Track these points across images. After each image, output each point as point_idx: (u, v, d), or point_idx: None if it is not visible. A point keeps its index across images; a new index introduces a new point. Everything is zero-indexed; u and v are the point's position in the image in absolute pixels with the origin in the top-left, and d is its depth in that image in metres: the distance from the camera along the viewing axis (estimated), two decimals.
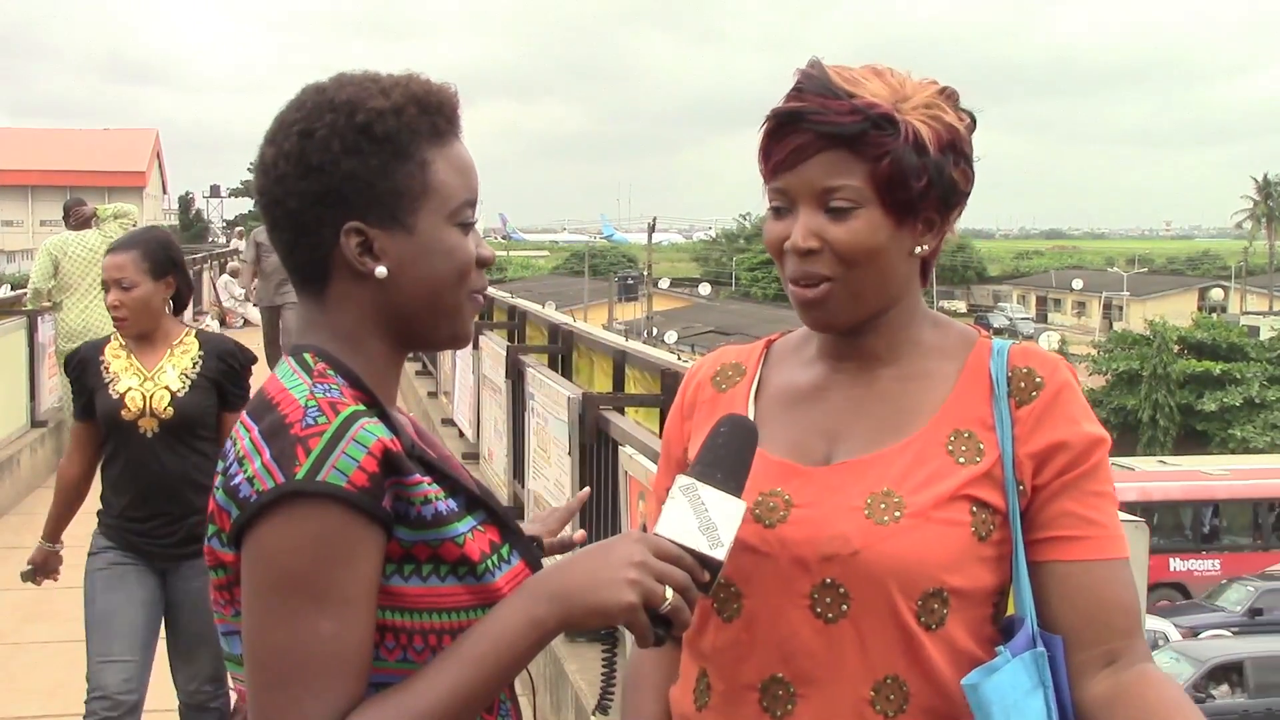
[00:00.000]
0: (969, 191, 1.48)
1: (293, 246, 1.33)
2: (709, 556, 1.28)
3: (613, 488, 4.32)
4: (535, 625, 1.24)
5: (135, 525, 3.67)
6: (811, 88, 1.42)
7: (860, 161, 1.40)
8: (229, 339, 3.85)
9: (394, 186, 1.30)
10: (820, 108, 1.41)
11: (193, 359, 3.65)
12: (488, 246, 1.39)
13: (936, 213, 1.45)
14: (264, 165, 1.33)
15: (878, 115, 1.40)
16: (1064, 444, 1.41)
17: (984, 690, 1.35)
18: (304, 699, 1.18)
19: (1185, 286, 72.59)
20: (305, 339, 1.34)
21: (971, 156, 1.47)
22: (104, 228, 9.27)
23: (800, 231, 1.43)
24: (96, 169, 68.90)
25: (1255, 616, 22.31)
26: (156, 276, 3.60)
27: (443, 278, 1.33)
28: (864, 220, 1.41)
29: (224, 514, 1.25)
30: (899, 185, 1.40)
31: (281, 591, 1.19)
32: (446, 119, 1.35)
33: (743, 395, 1.56)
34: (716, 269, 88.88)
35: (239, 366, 3.69)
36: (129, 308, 3.59)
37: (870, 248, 1.42)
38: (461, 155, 1.36)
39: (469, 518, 1.30)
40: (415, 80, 1.34)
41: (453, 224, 1.33)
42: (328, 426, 1.22)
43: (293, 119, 1.32)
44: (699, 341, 50.50)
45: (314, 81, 1.35)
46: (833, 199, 1.41)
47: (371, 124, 1.30)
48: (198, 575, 3.46)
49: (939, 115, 1.43)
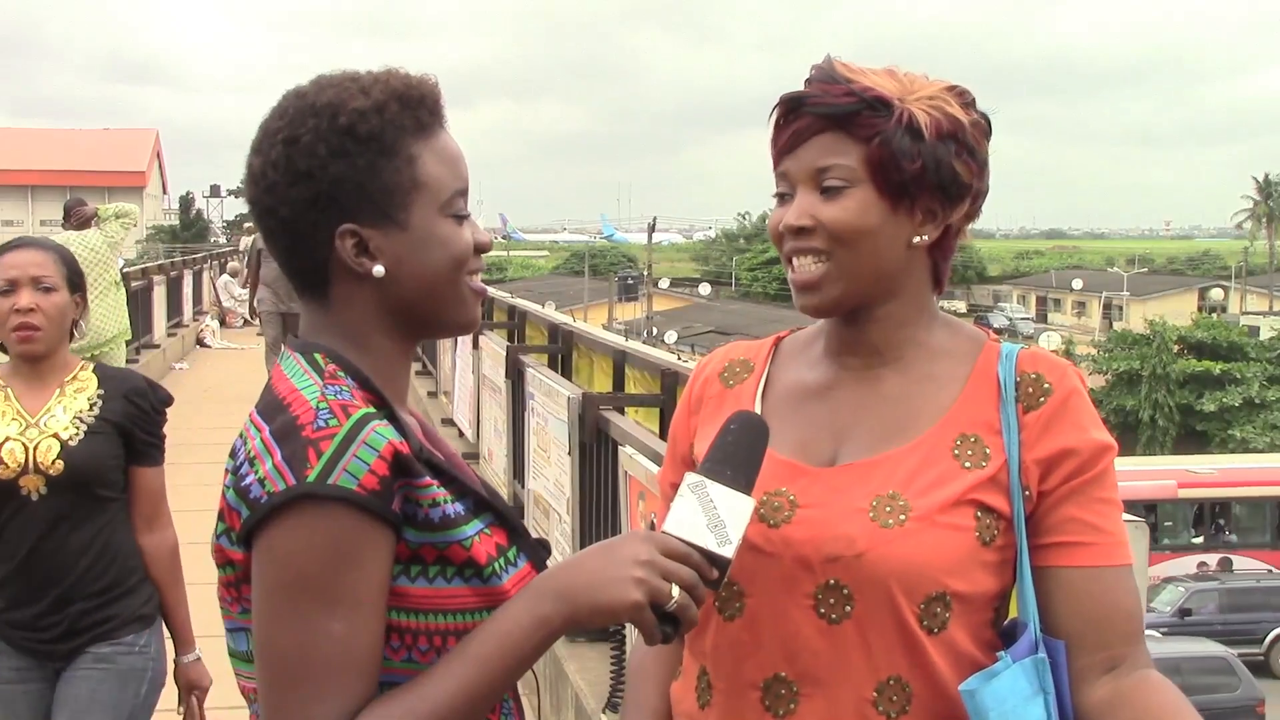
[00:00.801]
0: (976, 187, 1.47)
1: (290, 253, 1.34)
2: (717, 554, 1.28)
3: (613, 488, 4.31)
4: (542, 624, 1.24)
5: (18, 617, 2.82)
6: (818, 76, 1.46)
7: (854, 142, 1.42)
8: (137, 375, 3.08)
9: (384, 185, 1.31)
10: (821, 91, 1.44)
11: (89, 398, 2.84)
12: (484, 232, 1.39)
13: (937, 203, 1.45)
14: (253, 175, 1.34)
15: (871, 98, 1.42)
16: (1071, 450, 1.41)
17: (982, 696, 1.35)
18: (314, 699, 1.19)
19: (1185, 286, 72.57)
20: (313, 339, 1.35)
21: (979, 152, 1.47)
22: (105, 227, 9.28)
23: (794, 211, 1.44)
24: (96, 169, 68.94)
25: (1185, 617, 22.46)
26: (72, 289, 2.88)
27: (441, 269, 1.34)
28: (855, 199, 1.42)
29: (234, 513, 1.26)
30: (892, 166, 1.41)
31: (293, 593, 1.20)
32: (429, 111, 1.35)
33: (750, 392, 1.56)
34: (716, 269, 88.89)
35: (151, 409, 2.91)
36: (47, 315, 2.80)
37: (860, 227, 1.43)
38: (448, 146, 1.36)
39: (476, 521, 1.31)
40: (395, 75, 1.34)
41: (445, 215, 1.34)
42: (339, 429, 1.22)
43: (276, 127, 1.32)
44: (699, 341, 50.51)
45: (294, 86, 1.35)
46: (826, 179, 1.43)
47: (355, 125, 1.30)
48: (86, 677, 2.84)
49: (941, 106, 1.44)
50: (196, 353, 16.79)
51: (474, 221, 1.38)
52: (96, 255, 9.14)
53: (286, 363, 1.33)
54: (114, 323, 9.32)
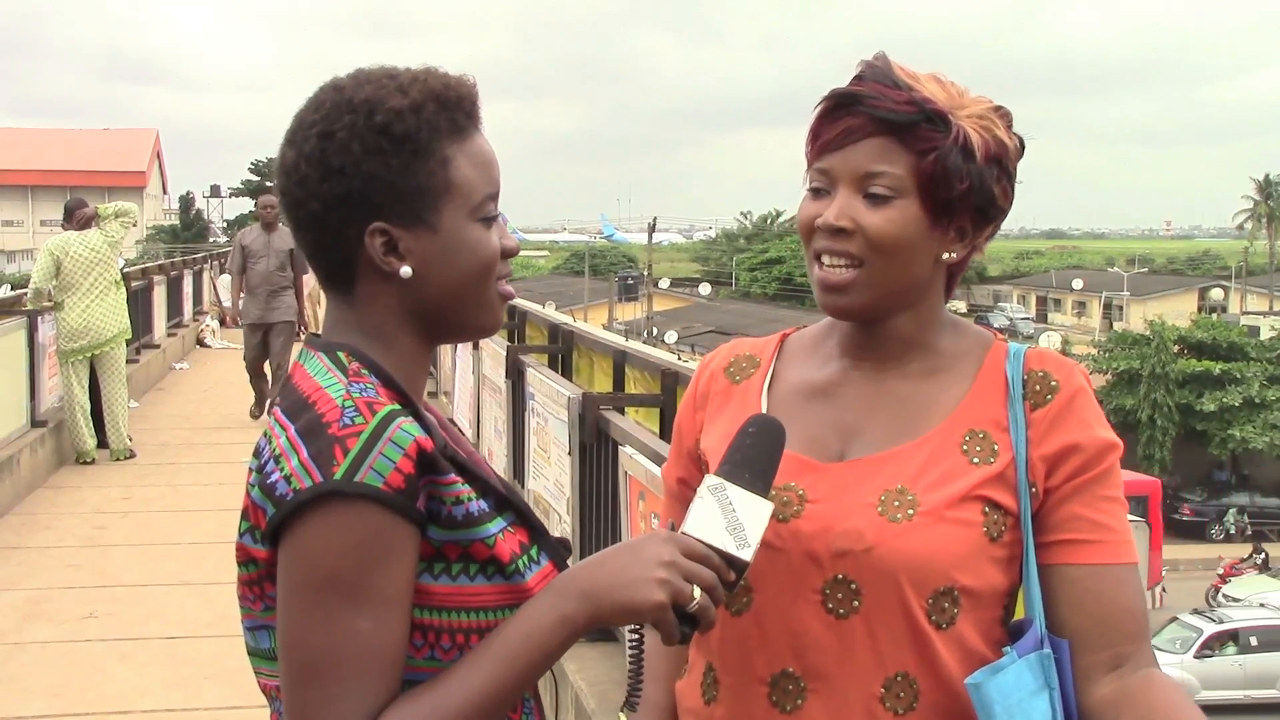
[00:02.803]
0: (1007, 210, 1.48)
1: (317, 247, 1.34)
2: (736, 557, 1.28)
3: (613, 488, 4.31)
4: (565, 623, 1.24)
5: None
6: (873, 75, 1.44)
7: (906, 153, 1.41)
8: None
9: (416, 185, 1.30)
10: (878, 94, 1.42)
11: None
12: (511, 237, 1.39)
13: (970, 223, 1.45)
14: (285, 167, 1.33)
15: (932, 111, 1.41)
16: (1077, 447, 1.42)
17: (987, 690, 1.35)
18: (339, 696, 1.19)
19: (1185, 286, 72.55)
20: (335, 337, 1.35)
21: (1015, 177, 1.47)
22: (105, 226, 9.27)
23: (835, 210, 1.43)
24: (96, 169, 68.99)
25: None
26: None
27: (468, 273, 1.33)
28: (900, 211, 1.42)
29: (259, 511, 1.25)
30: (942, 183, 1.41)
31: (319, 590, 1.20)
32: (466, 114, 1.34)
33: (756, 388, 1.56)
34: (716, 269, 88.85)
35: None
36: None
37: (901, 239, 1.42)
38: (482, 149, 1.35)
39: (499, 519, 1.31)
40: (433, 75, 1.34)
41: (475, 219, 1.33)
42: (365, 426, 1.22)
43: (311, 120, 1.32)
44: (699, 341, 50.50)
45: (332, 79, 1.35)
46: (873, 185, 1.42)
47: (391, 124, 1.29)
48: None
49: (990, 128, 1.44)
50: (196, 353, 16.81)
51: (502, 225, 1.37)
52: (97, 255, 9.14)
53: (310, 362, 1.33)
54: (114, 323, 9.31)
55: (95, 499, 8.36)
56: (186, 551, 7.02)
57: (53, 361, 9.55)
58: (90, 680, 5.17)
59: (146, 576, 6.58)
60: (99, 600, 6.18)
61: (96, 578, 6.58)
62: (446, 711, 1.20)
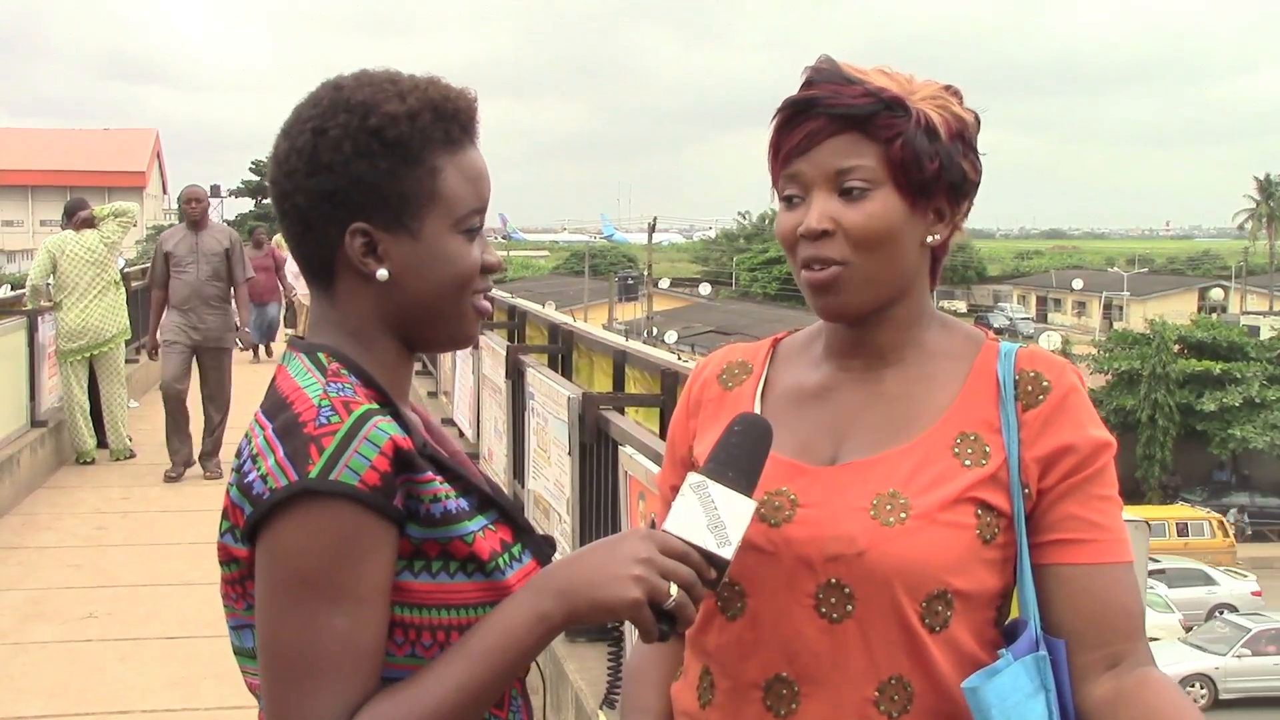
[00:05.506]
0: (978, 184, 1.49)
1: (300, 240, 1.35)
2: (716, 554, 1.28)
3: (613, 488, 4.31)
4: (541, 620, 1.25)
5: None
6: (823, 77, 1.45)
7: (873, 143, 1.42)
8: None
9: (401, 191, 1.31)
10: (833, 92, 1.42)
11: None
12: (494, 252, 1.39)
13: (947, 202, 1.46)
14: (277, 157, 1.35)
15: (889, 98, 1.42)
16: (1070, 447, 1.41)
17: (984, 693, 1.35)
18: (317, 694, 1.20)
19: (1185, 286, 72.57)
20: (317, 337, 1.36)
21: (978, 150, 1.48)
22: (103, 227, 9.26)
23: (814, 214, 1.43)
24: (96, 169, 69.01)
25: None
26: None
27: (444, 285, 1.34)
28: (878, 203, 1.42)
29: (237, 510, 1.27)
30: (913, 166, 1.41)
31: (296, 589, 1.21)
32: (461, 126, 1.35)
33: (749, 394, 1.56)
34: (716, 269, 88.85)
35: None
36: None
37: (884, 231, 1.42)
38: (474, 163, 1.36)
39: (480, 517, 1.31)
40: (435, 85, 1.35)
41: (458, 231, 1.34)
42: (340, 425, 1.23)
43: (308, 115, 1.33)
44: (699, 341, 50.50)
45: (336, 77, 1.36)
46: (847, 180, 1.42)
47: (384, 128, 1.30)
48: None
49: (946, 105, 1.45)
50: None
51: (485, 240, 1.38)
52: (94, 255, 9.13)
53: (291, 363, 1.34)
54: (113, 323, 9.31)
55: (95, 499, 8.37)
56: (186, 551, 7.03)
57: (52, 362, 9.55)
58: (90, 680, 5.18)
59: (146, 576, 6.60)
60: (99, 600, 6.19)
61: (96, 578, 6.59)
62: (423, 708, 1.21)
